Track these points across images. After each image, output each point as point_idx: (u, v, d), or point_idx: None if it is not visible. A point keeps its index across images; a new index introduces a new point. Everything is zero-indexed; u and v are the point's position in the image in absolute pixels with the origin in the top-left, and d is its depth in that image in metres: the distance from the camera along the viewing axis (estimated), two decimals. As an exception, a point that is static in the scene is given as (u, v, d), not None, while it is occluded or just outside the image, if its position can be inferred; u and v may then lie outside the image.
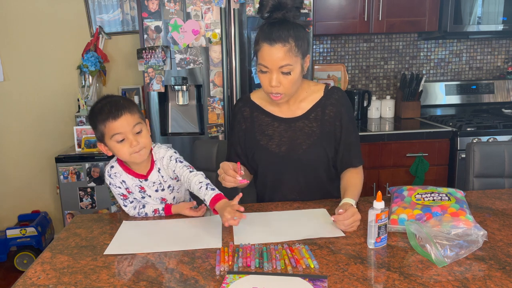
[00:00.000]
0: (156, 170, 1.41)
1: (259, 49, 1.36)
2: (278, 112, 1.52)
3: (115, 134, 1.29)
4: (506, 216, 1.33)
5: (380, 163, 2.54)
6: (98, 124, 1.30)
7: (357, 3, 2.66)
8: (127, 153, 1.31)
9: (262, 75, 1.39)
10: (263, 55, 1.35)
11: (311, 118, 1.49)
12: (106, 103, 1.31)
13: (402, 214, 1.23)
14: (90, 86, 2.89)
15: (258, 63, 1.38)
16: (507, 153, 1.74)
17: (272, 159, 1.50)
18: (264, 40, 1.34)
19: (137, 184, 1.43)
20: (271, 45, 1.32)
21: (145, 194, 1.44)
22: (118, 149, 1.31)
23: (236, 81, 2.37)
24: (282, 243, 1.17)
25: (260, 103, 1.54)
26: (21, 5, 2.89)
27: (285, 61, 1.33)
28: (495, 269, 1.01)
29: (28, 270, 1.09)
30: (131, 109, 1.31)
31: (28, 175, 3.09)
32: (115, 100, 1.32)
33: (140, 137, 1.32)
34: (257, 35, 1.38)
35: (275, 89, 1.37)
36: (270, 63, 1.34)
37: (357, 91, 2.89)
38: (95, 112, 1.32)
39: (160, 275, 1.04)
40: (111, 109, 1.28)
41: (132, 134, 1.30)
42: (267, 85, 1.38)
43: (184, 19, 2.32)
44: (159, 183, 1.43)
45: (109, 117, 1.27)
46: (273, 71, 1.35)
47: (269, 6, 1.35)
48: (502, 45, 3.17)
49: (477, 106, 3.12)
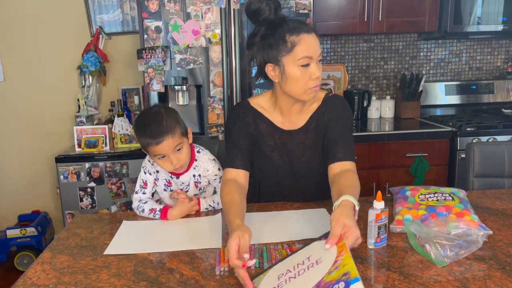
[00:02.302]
0: (191, 174, 1.49)
1: (296, 42, 1.27)
2: (279, 123, 1.46)
3: (158, 155, 1.37)
4: (506, 216, 1.33)
5: (380, 163, 2.54)
6: (142, 140, 1.37)
7: (357, 3, 2.66)
8: (168, 169, 1.41)
9: (303, 70, 1.29)
10: (307, 44, 1.28)
11: (310, 129, 1.45)
12: (150, 122, 1.35)
13: (407, 214, 1.22)
14: (90, 86, 2.89)
15: (300, 58, 1.28)
16: (507, 153, 1.74)
17: (275, 169, 1.48)
18: (300, 31, 1.28)
19: (167, 178, 1.50)
20: (309, 33, 1.29)
21: (169, 188, 1.51)
22: (160, 164, 1.40)
23: (236, 81, 2.37)
24: (282, 243, 1.17)
25: (260, 110, 1.47)
26: (21, 5, 2.89)
27: (320, 47, 1.32)
28: (495, 269, 1.01)
29: (28, 270, 1.09)
30: (173, 132, 1.35)
31: (28, 175, 3.09)
32: (159, 120, 1.35)
33: (180, 154, 1.39)
34: (277, 38, 1.29)
35: (318, 79, 1.31)
36: (313, 51, 1.29)
37: (357, 91, 2.89)
38: (139, 127, 1.38)
39: (160, 275, 1.04)
40: (155, 133, 1.33)
41: (172, 153, 1.37)
42: (308, 80, 1.31)
43: (184, 19, 2.32)
44: (187, 185, 1.50)
45: (152, 142, 1.34)
46: (314, 61, 1.30)
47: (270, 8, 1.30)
48: (502, 45, 3.17)
49: (477, 106, 3.12)
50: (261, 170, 1.51)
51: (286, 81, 1.33)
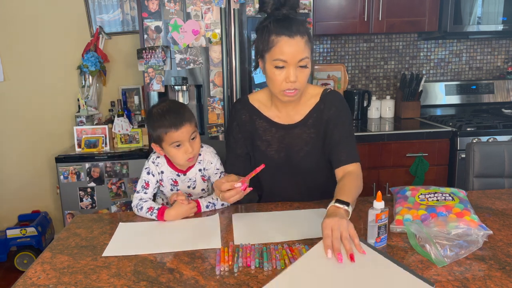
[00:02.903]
0: (197, 169, 1.51)
1: (275, 43, 1.29)
2: (277, 118, 1.48)
3: (175, 142, 1.39)
4: (506, 216, 1.33)
5: (380, 163, 2.54)
6: (159, 129, 1.39)
7: (357, 3, 2.66)
8: (182, 159, 1.42)
9: (276, 71, 1.31)
10: (282, 48, 1.28)
11: (308, 124, 1.46)
12: (168, 110, 1.40)
13: (407, 214, 1.22)
14: (90, 86, 2.89)
15: (274, 59, 1.30)
16: (507, 153, 1.74)
17: (271, 164, 1.48)
18: (281, 33, 1.28)
19: (173, 177, 1.50)
20: (290, 37, 1.27)
21: (175, 188, 1.51)
22: (174, 153, 1.42)
23: (236, 81, 2.37)
24: (282, 243, 1.17)
25: (258, 106, 1.50)
26: (21, 5, 2.89)
27: (304, 53, 1.29)
28: (495, 269, 1.01)
29: (28, 270, 1.09)
30: (190, 120, 1.41)
31: (28, 175, 3.09)
32: (176, 109, 1.41)
33: (194, 143, 1.43)
34: (265, 31, 1.32)
35: (293, 84, 1.31)
36: (290, 56, 1.28)
37: (357, 91, 2.89)
38: (155, 116, 1.40)
39: (160, 275, 1.04)
40: (174, 119, 1.38)
41: (188, 142, 1.40)
42: (282, 81, 1.32)
43: (184, 19, 2.32)
44: (193, 181, 1.52)
45: (172, 127, 1.37)
46: (290, 65, 1.29)
47: (272, 3, 1.32)
48: (502, 45, 3.17)
49: (477, 106, 3.12)
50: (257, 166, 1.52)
51: (266, 77, 1.38)
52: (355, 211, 1.37)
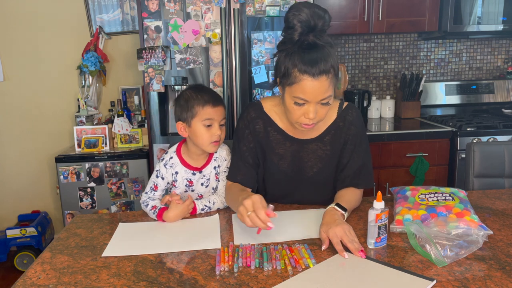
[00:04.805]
0: (212, 166, 1.50)
1: (297, 80, 1.21)
2: (292, 132, 1.42)
3: (208, 119, 1.39)
4: (506, 216, 1.33)
5: (380, 163, 2.54)
6: (195, 104, 1.39)
7: (357, 3, 2.66)
8: (207, 140, 1.41)
9: (295, 107, 1.25)
10: (304, 88, 1.20)
11: (325, 141, 1.41)
12: (207, 90, 1.44)
13: (407, 214, 1.22)
14: (90, 86, 2.89)
15: (294, 96, 1.23)
16: (507, 153, 1.74)
17: (281, 178, 1.46)
18: (305, 72, 1.19)
19: (188, 177, 1.49)
20: (314, 78, 1.19)
21: (190, 188, 1.50)
22: (202, 133, 1.40)
23: (236, 81, 2.37)
24: (282, 243, 1.17)
25: (273, 116, 1.44)
26: (21, 5, 2.89)
27: (327, 93, 1.22)
28: (495, 269, 1.01)
29: (28, 270, 1.09)
30: (224, 105, 1.46)
31: (28, 175, 3.09)
32: (213, 91, 1.46)
33: (222, 130, 1.44)
34: (288, 60, 1.23)
35: (311, 120, 1.26)
36: (311, 97, 1.21)
37: (357, 91, 2.88)
38: (191, 94, 1.41)
39: (160, 275, 1.04)
40: (213, 97, 1.41)
41: (218, 125, 1.42)
42: (300, 116, 1.26)
43: (184, 19, 2.32)
44: (207, 178, 1.50)
45: (210, 102, 1.39)
46: (311, 104, 1.23)
47: (300, 31, 1.23)
48: (502, 45, 3.17)
49: (477, 106, 3.12)
50: (266, 178, 1.50)
51: (284, 105, 1.32)
52: (355, 211, 1.38)
